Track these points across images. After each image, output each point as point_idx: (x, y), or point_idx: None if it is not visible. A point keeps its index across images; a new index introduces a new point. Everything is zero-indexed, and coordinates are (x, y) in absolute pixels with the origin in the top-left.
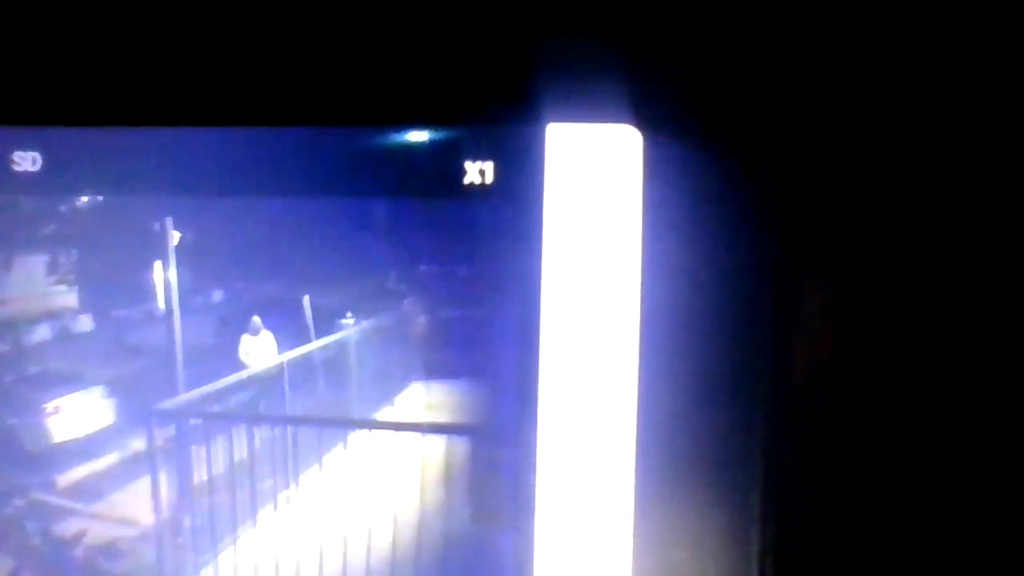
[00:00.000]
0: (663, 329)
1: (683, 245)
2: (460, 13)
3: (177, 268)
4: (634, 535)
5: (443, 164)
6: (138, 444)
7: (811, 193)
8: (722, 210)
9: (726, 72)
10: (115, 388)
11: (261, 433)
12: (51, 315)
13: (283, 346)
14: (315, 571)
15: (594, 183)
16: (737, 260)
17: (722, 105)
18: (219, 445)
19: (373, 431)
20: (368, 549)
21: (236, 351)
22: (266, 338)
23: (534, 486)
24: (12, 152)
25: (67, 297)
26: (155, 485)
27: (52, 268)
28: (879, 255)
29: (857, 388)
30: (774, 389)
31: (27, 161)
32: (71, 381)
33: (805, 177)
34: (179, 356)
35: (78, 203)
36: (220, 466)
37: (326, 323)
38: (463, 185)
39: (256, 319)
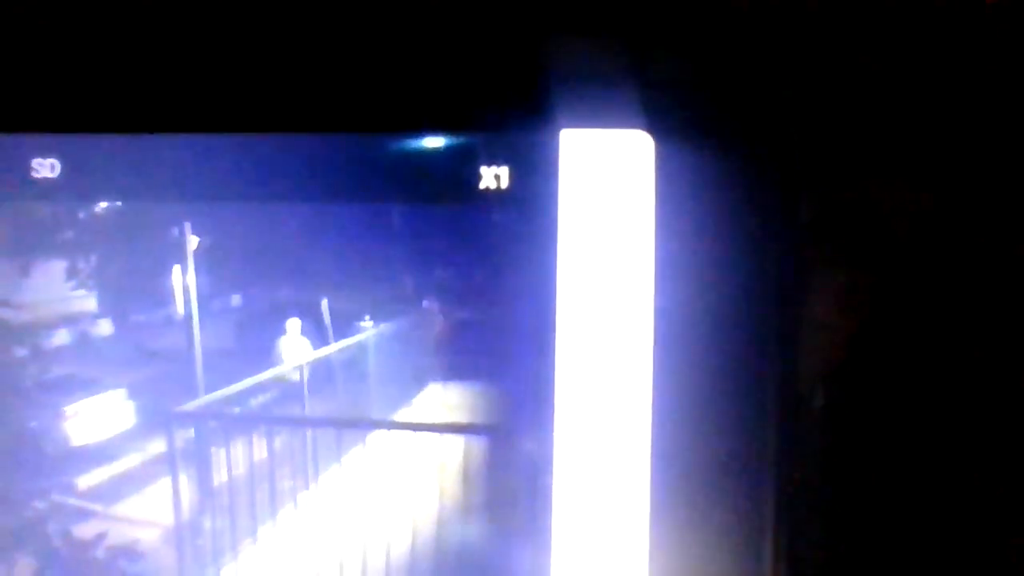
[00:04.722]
0: (676, 330)
1: (695, 248)
2: (476, 21)
3: (196, 273)
4: (650, 533)
5: (459, 169)
6: (158, 447)
7: (822, 197)
8: (733, 214)
9: (737, 78)
10: (135, 391)
11: (281, 434)
12: (70, 320)
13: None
14: (334, 569)
15: (607, 187)
16: (749, 263)
17: (733, 111)
18: (239, 447)
19: (392, 431)
20: (386, 547)
21: (255, 354)
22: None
23: (551, 484)
24: (31, 159)
25: (86, 302)
26: (175, 487)
27: (71, 273)
28: (891, 257)
29: (870, 389)
30: (786, 391)
31: (46, 168)
32: (91, 385)
33: (816, 182)
34: (198, 359)
35: (97, 209)
36: (240, 468)
37: (344, 326)
38: (479, 190)
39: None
